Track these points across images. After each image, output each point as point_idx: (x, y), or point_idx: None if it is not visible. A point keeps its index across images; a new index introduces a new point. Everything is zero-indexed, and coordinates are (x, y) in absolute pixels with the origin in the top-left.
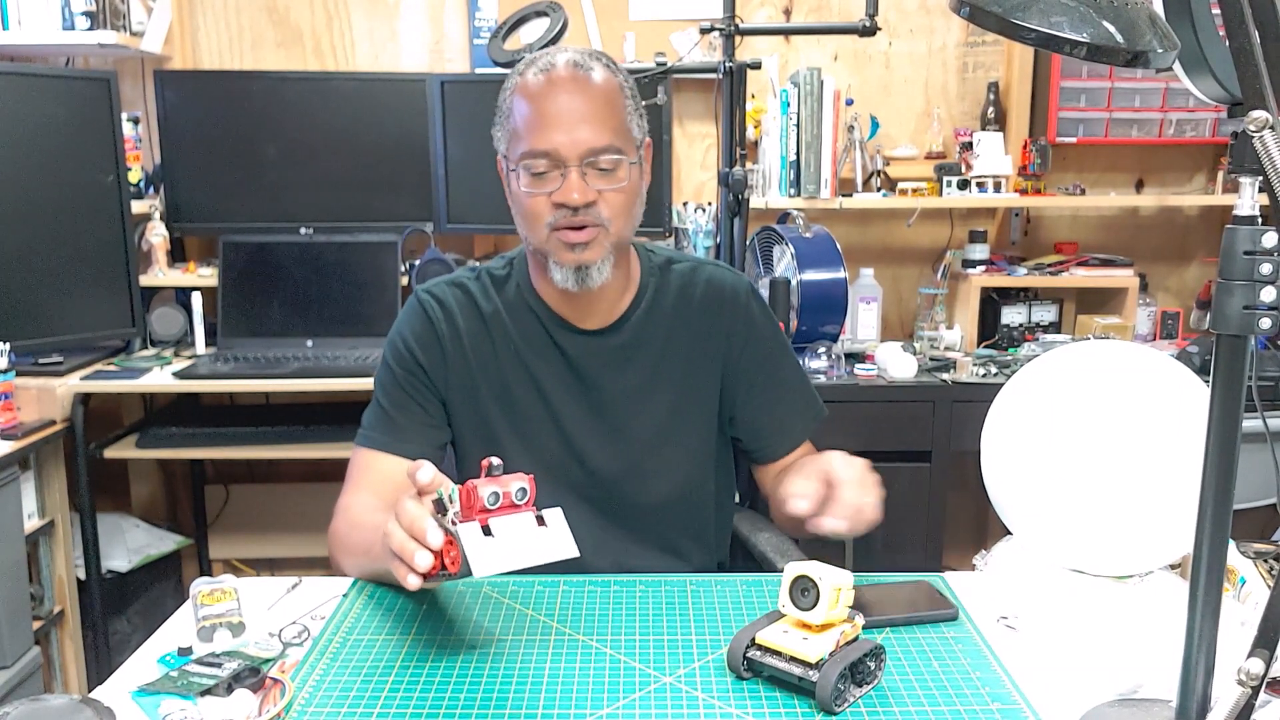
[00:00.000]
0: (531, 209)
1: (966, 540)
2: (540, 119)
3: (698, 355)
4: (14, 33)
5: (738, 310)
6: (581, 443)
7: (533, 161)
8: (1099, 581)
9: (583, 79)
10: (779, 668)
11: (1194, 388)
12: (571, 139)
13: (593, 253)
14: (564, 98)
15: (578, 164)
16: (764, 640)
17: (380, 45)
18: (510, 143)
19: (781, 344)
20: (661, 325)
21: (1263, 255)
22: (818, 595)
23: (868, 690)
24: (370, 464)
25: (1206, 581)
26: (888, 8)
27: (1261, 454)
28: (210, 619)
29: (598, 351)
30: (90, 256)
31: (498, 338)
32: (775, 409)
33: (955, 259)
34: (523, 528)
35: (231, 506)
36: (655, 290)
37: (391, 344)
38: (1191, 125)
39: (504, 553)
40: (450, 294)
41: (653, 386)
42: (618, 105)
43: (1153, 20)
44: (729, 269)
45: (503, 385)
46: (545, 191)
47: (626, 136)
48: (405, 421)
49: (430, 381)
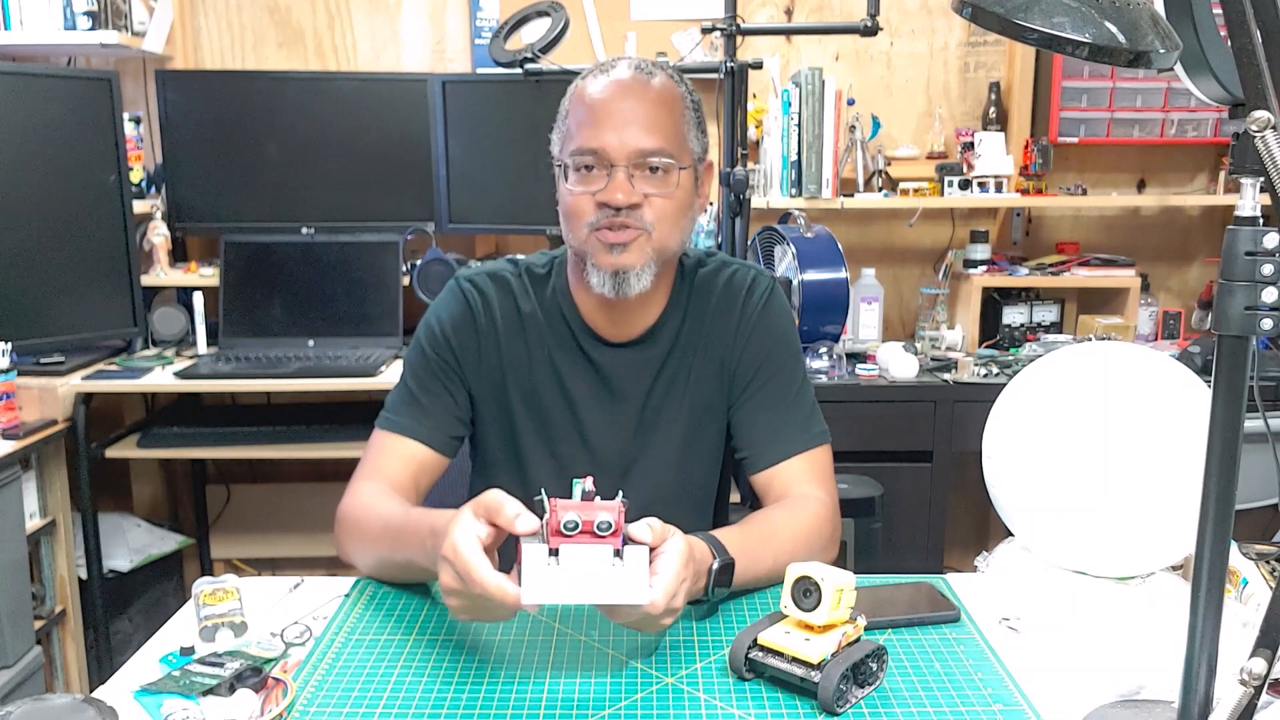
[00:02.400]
0: (574, 207)
1: (968, 541)
2: (593, 118)
3: (710, 359)
4: (16, 32)
5: (749, 306)
6: (605, 454)
7: (580, 159)
8: (1101, 583)
9: (641, 82)
10: (781, 668)
11: (1195, 388)
12: (620, 138)
13: (632, 256)
14: (619, 99)
15: (625, 164)
16: (766, 641)
17: (381, 45)
18: (563, 143)
19: (791, 352)
20: (685, 333)
21: (1264, 256)
22: (820, 596)
23: (869, 691)
24: (390, 447)
25: (1208, 582)
26: (889, 8)
27: (1263, 454)
28: (212, 619)
29: (627, 364)
30: (92, 256)
31: (532, 339)
32: (767, 414)
33: (957, 259)
34: (593, 560)
35: (233, 506)
36: (685, 298)
37: (427, 326)
38: (1193, 125)
39: (560, 584)
40: (491, 287)
41: (678, 397)
42: (675, 112)
43: (1154, 20)
44: (754, 267)
45: (532, 387)
46: (590, 190)
47: (681, 144)
48: (432, 406)
49: (461, 370)
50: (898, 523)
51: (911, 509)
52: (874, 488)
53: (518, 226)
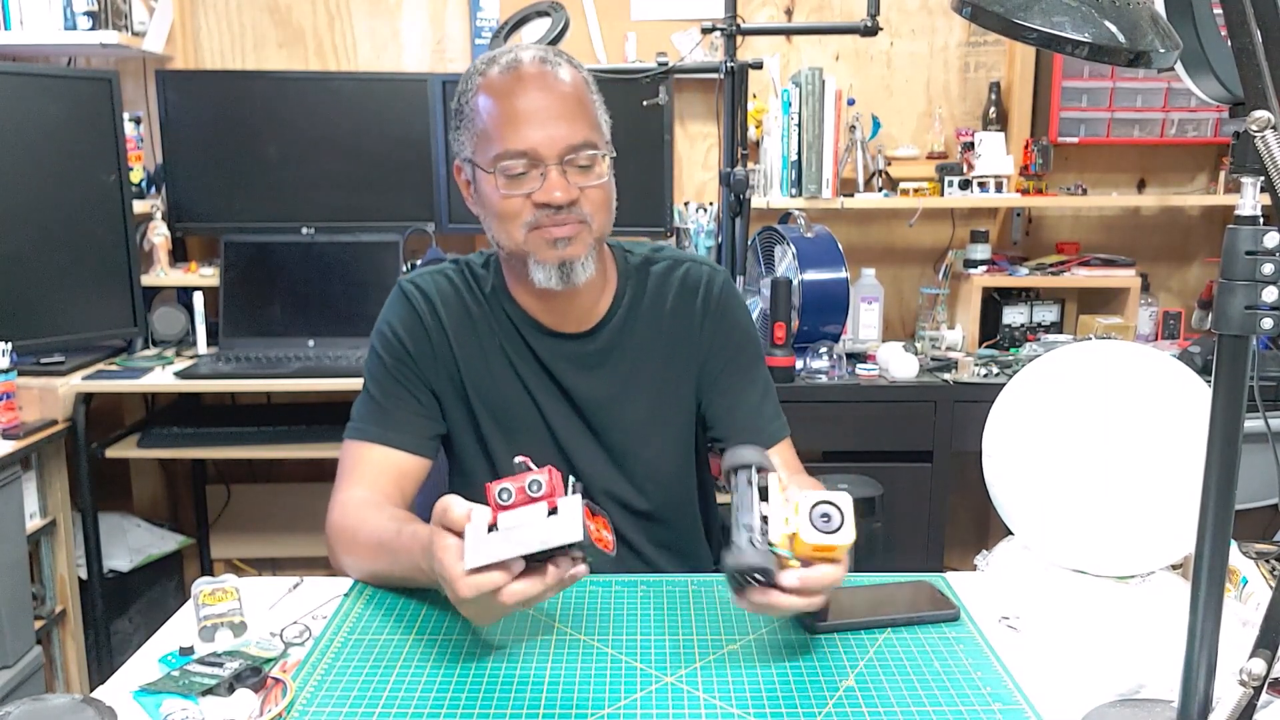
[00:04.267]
0: (509, 211)
1: (968, 540)
2: (514, 118)
3: (674, 356)
4: (16, 33)
5: (709, 303)
6: (567, 444)
7: (510, 163)
8: (1101, 582)
9: (550, 75)
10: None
11: (1195, 388)
12: (548, 136)
13: (576, 248)
14: (536, 95)
15: (557, 162)
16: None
17: (382, 45)
18: (478, 145)
19: (755, 344)
20: (637, 329)
21: (1264, 255)
22: (843, 518)
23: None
24: (363, 456)
25: (1208, 582)
26: (889, 7)
27: (1263, 454)
28: (212, 619)
29: (571, 356)
30: (92, 256)
31: (483, 334)
32: (741, 406)
33: (957, 259)
34: (529, 518)
35: (233, 506)
36: (632, 293)
37: (379, 333)
38: (1193, 125)
39: (498, 545)
40: (434, 285)
41: (629, 391)
42: (587, 101)
43: (1154, 20)
44: (707, 263)
45: (490, 381)
46: (524, 192)
47: (599, 131)
48: (397, 411)
49: (420, 371)
50: (898, 523)
51: (911, 509)
52: (874, 488)
53: None
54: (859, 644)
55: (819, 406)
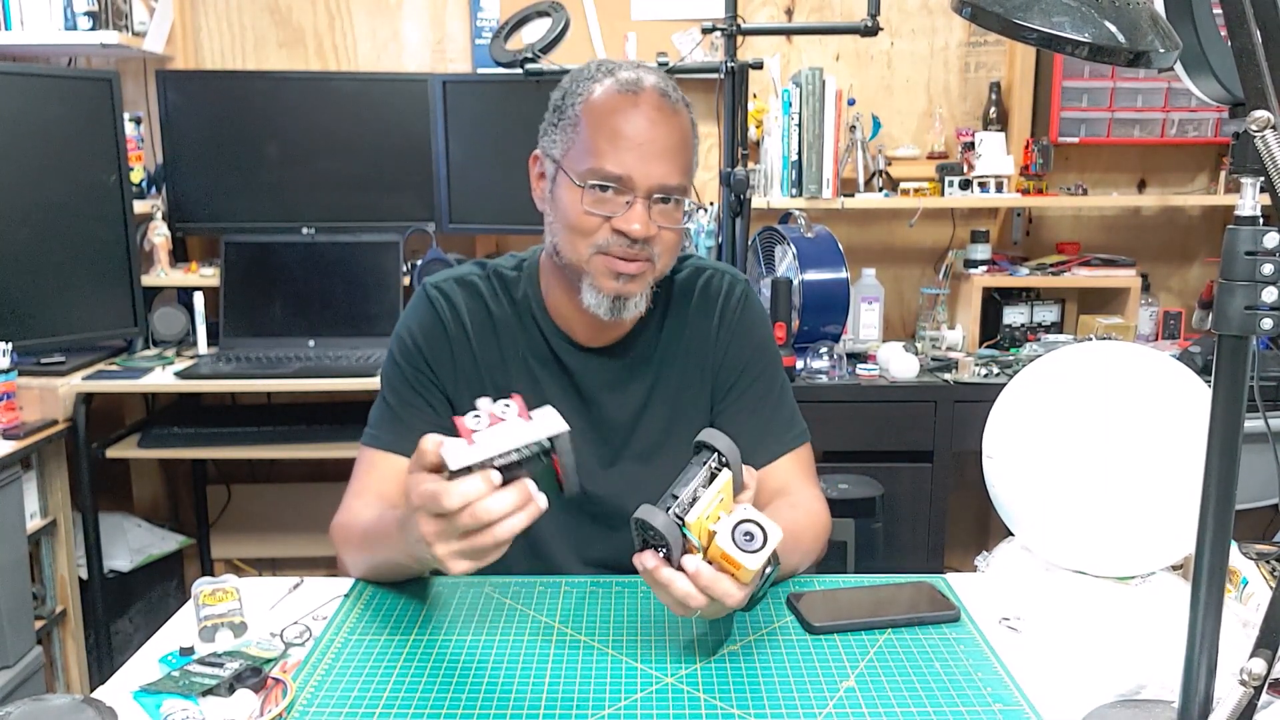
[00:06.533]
0: (585, 227)
1: (968, 541)
2: (619, 142)
3: (692, 366)
4: (16, 33)
5: (726, 313)
6: (584, 455)
7: (601, 183)
8: (1101, 582)
9: (669, 109)
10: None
11: (1196, 388)
12: (647, 171)
13: (635, 285)
14: (647, 125)
15: (646, 196)
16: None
17: (382, 45)
18: (572, 152)
19: (771, 353)
20: (662, 339)
21: (1264, 256)
22: (765, 540)
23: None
24: (377, 464)
25: (1208, 582)
26: (889, 8)
27: (1263, 455)
28: (212, 619)
29: (600, 370)
30: (92, 256)
31: (505, 342)
32: (754, 416)
33: (957, 259)
34: (506, 427)
35: (233, 506)
36: (663, 303)
37: (399, 339)
38: (1193, 125)
39: (484, 444)
40: (458, 292)
41: (651, 403)
42: (689, 146)
43: (1154, 20)
44: (729, 270)
45: (509, 390)
46: (605, 214)
47: (690, 179)
48: (413, 420)
49: (437, 379)
50: (898, 523)
51: (911, 509)
52: (874, 488)
53: (518, 226)
54: (859, 644)
55: (819, 407)
